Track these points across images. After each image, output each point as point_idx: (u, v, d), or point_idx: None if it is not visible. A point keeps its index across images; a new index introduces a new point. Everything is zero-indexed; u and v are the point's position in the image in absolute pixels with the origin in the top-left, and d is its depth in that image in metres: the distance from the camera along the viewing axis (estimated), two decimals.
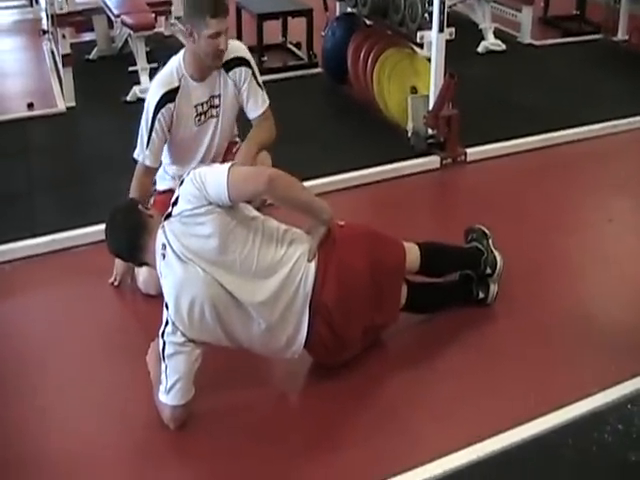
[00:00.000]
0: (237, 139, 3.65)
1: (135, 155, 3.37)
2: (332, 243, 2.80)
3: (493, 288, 3.23)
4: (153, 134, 3.30)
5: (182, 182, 2.72)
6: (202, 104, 3.37)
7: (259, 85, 3.46)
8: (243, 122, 3.60)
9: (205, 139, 3.45)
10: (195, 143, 3.45)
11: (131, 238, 2.79)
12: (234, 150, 3.53)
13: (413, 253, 3.05)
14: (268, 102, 3.51)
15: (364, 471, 2.50)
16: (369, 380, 2.89)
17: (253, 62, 3.46)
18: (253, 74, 3.42)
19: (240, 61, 3.39)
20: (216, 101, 3.40)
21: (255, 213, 2.82)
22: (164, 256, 2.68)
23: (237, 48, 3.41)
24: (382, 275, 2.86)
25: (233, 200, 2.65)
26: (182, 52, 3.35)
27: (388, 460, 2.54)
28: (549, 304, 3.31)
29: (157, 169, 3.44)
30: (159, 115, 3.27)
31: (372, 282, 2.82)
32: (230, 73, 3.37)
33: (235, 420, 2.73)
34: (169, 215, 2.71)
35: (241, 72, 3.39)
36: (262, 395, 2.85)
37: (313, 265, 2.74)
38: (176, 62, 3.34)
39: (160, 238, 2.70)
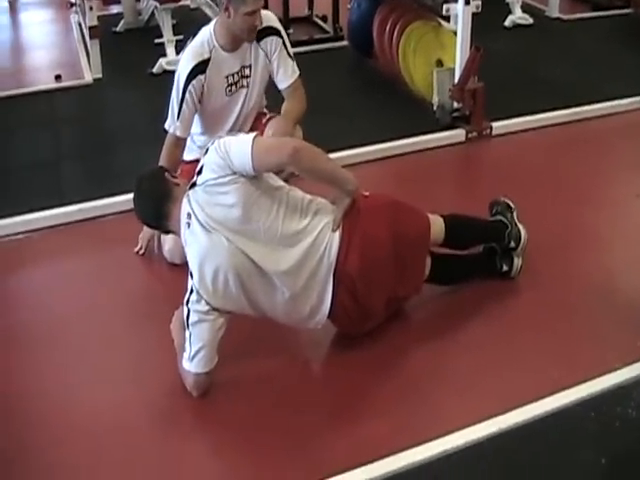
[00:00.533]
0: (265, 110, 3.66)
1: (166, 126, 3.37)
2: (356, 213, 2.80)
3: (517, 262, 3.23)
4: (184, 105, 3.30)
5: (207, 151, 2.73)
6: (233, 74, 3.37)
7: (289, 55, 3.45)
8: (272, 92, 3.60)
9: (235, 108, 3.46)
10: (225, 113, 3.45)
11: (156, 205, 2.81)
12: (263, 121, 3.54)
13: (438, 225, 3.04)
14: (298, 72, 3.51)
15: (385, 442, 2.51)
16: (392, 351, 2.90)
17: (284, 32, 3.45)
18: (284, 44, 3.42)
19: (271, 30, 3.39)
20: (247, 71, 3.40)
21: (280, 183, 2.82)
22: (189, 225, 2.69)
23: (268, 18, 3.40)
24: (406, 246, 2.86)
25: (257, 170, 2.66)
26: (213, 23, 3.34)
27: (410, 431, 2.55)
28: (574, 278, 3.30)
29: (186, 139, 3.46)
30: (190, 87, 3.27)
31: (396, 253, 2.82)
32: (261, 43, 3.37)
33: (257, 389, 2.75)
34: (194, 184, 2.73)
35: (272, 41, 3.39)
36: (285, 364, 2.87)
37: (337, 235, 2.74)
38: (207, 33, 3.33)
39: (185, 207, 2.71)
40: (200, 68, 3.28)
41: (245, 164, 2.63)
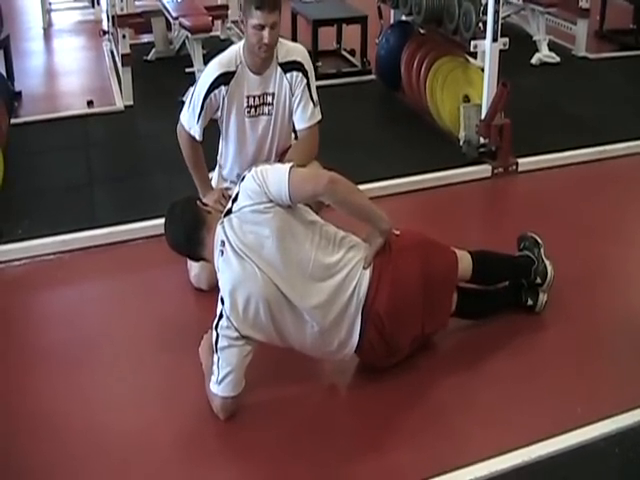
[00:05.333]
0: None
1: (183, 121, 3.38)
2: (388, 252, 2.83)
3: (542, 297, 3.24)
4: (203, 112, 3.32)
5: (243, 178, 2.78)
6: (254, 97, 3.37)
7: (312, 98, 3.41)
8: None
9: (256, 135, 3.45)
10: (246, 136, 3.45)
11: (190, 232, 2.84)
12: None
13: (465, 261, 3.07)
14: (318, 118, 3.45)
15: (410, 471, 2.53)
16: (417, 380, 2.92)
17: (311, 72, 3.42)
18: (308, 84, 3.39)
19: (297, 66, 3.37)
20: (269, 99, 3.39)
21: (314, 217, 2.86)
22: (222, 252, 2.72)
23: (298, 52, 3.41)
24: (435, 284, 2.89)
25: (293, 198, 2.70)
26: (243, 41, 3.36)
27: (434, 461, 2.56)
28: (600, 314, 3.32)
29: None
30: (211, 95, 3.30)
31: (424, 292, 2.85)
32: (287, 75, 3.37)
33: (284, 414, 2.78)
34: (229, 212, 2.77)
35: (297, 77, 3.37)
36: (311, 390, 2.90)
37: (368, 273, 2.77)
38: (236, 48, 3.36)
39: (219, 235, 2.75)
40: (224, 79, 3.30)
41: (282, 191, 2.67)
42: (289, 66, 3.37)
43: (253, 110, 3.41)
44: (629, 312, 3.36)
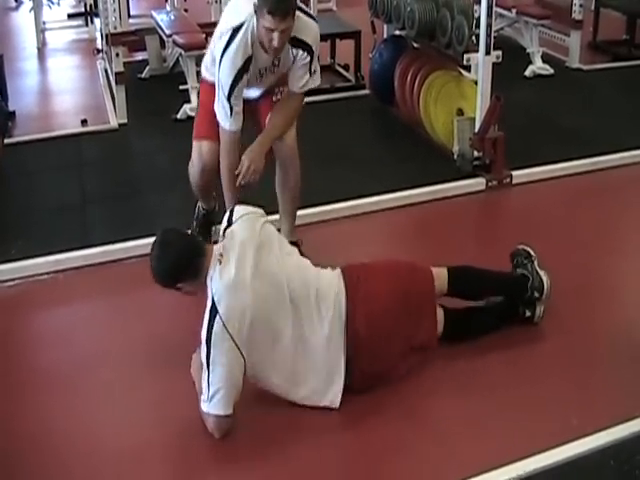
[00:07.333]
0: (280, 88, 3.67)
1: (221, 123, 3.41)
2: (356, 281, 2.88)
3: (540, 308, 3.23)
4: (232, 104, 3.34)
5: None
6: (265, 68, 3.43)
7: (310, 69, 3.46)
8: None
9: (259, 83, 3.52)
10: (250, 84, 3.48)
11: (188, 258, 2.78)
12: (274, 99, 3.61)
13: (442, 275, 3.10)
14: (311, 86, 3.55)
15: None
16: (412, 393, 2.92)
17: (317, 51, 3.46)
18: (311, 60, 3.44)
19: (307, 47, 3.39)
20: (276, 62, 3.43)
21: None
22: (220, 262, 2.73)
23: (310, 33, 3.39)
24: (412, 296, 2.93)
25: None
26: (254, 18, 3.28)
27: (427, 475, 2.56)
28: (597, 326, 3.31)
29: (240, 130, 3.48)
30: (236, 87, 3.32)
31: (403, 305, 2.89)
32: (294, 49, 3.39)
33: (280, 432, 2.76)
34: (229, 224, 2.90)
35: (303, 55, 3.40)
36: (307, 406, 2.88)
37: (343, 304, 2.82)
38: (250, 26, 3.27)
39: (217, 252, 2.78)
40: (245, 68, 3.31)
41: None
42: (298, 44, 3.38)
43: (261, 76, 3.46)
44: (625, 324, 3.35)
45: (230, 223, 2.93)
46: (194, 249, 2.81)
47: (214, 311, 2.67)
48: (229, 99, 3.34)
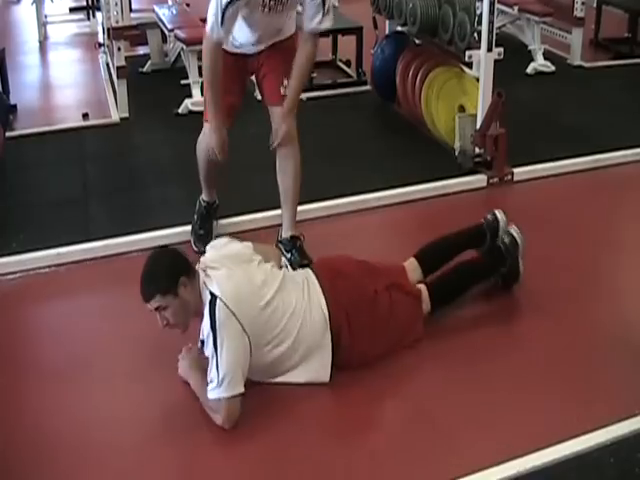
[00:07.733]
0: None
1: (208, 30, 3.37)
2: (326, 268, 3.10)
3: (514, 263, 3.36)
4: (226, 19, 3.30)
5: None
6: (270, 1, 3.38)
7: (323, 8, 3.42)
8: None
9: (267, 20, 3.49)
10: (257, 21, 3.49)
11: (175, 271, 2.81)
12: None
13: (411, 266, 3.30)
14: (323, 28, 3.50)
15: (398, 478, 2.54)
16: (408, 391, 2.94)
17: None
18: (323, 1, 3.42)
19: None
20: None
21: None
22: (205, 273, 2.85)
23: None
24: (381, 272, 3.13)
25: None
26: None
27: (425, 473, 2.56)
28: (597, 324, 3.30)
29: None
30: (230, 8, 3.29)
31: (369, 274, 3.09)
32: None
33: (281, 423, 2.76)
34: None
35: None
36: (304, 393, 2.89)
37: (323, 302, 2.94)
38: None
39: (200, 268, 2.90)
40: None
41: None
42: None
43: (267, 9, 3.41)
44: (625, 321, 3.36)
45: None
46: (183, 267, 2.85)
47: (213, 301, 2.71)
48: (225, 10, 3.28)
